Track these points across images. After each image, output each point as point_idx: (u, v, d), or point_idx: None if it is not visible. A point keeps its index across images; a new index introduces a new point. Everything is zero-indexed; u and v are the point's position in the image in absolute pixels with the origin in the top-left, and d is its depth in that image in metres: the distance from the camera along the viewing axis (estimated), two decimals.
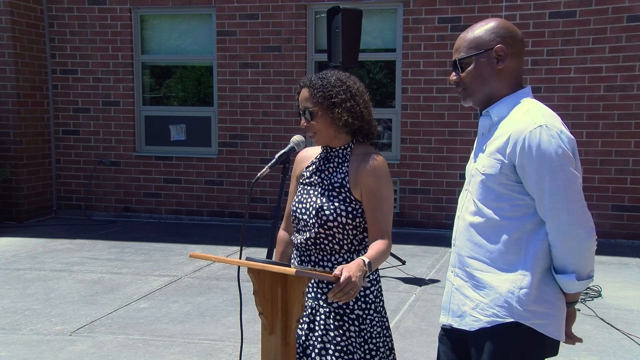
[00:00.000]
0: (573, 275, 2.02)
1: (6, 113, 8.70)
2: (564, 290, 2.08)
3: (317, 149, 2.58)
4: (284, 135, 8.51)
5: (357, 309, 2.41)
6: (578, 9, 7.64)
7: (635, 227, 7.60)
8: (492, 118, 2.13)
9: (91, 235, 8.08)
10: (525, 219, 2.05)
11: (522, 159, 1.99)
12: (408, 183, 8.38)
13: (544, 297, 2.05)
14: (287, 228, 2.67)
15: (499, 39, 2.09)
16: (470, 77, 2.12)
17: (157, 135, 9.18)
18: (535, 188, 2.00)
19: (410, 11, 8.18)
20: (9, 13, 8.54)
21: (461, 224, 2.19)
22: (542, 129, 1.98)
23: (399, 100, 8.38)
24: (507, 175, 2.03)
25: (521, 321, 2.03)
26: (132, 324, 4.89)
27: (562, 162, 1.97)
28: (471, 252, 2.13)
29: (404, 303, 5.38)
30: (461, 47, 2.13)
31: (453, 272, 2.22)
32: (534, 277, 2.04)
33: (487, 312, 2.07)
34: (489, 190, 2.08)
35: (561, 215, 1.98)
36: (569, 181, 1.98)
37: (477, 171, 2.12)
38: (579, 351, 4.37)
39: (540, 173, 1.97)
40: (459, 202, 2.25)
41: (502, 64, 2.09)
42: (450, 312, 2.20)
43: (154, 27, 9.17)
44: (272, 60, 8.60)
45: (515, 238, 2.05)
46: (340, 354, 2.38)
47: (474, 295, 2.11)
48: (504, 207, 2.06)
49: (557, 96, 7.61)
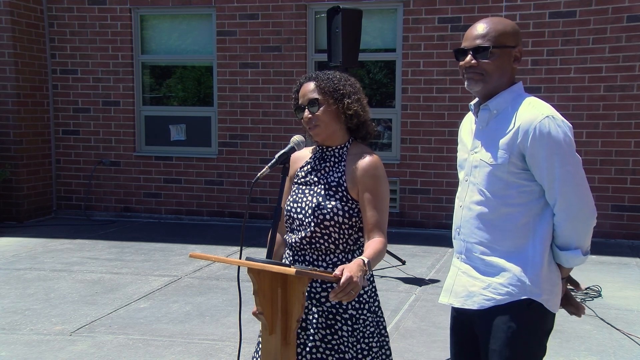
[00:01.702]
0: (579, 251, 2.19)
1: (6, 113, 8.70)
2: (566, 265, 2.24)
3: (310, 150, 2.58)
4: (284, 135, 8.52)
5: (351, 309, 2.41)
6: (578, 9, 7.64)
7: (635, 227, 7.60)
8: (492, 111, 2.25)
9: (91, 235, 8.08)
10: (531, 204, 2.19)
11: (533, 147, 2.12)
12: (408, 183, 8.38)
13: (550, 276, 2.22)
14: (280, 228, 2.66)
15: (519, 40, 2.25)
16: (493, 66, 2.20)
17: (157, 135, 9.18)
18: (545, 174, 2.14)
19: (410, 11, 8.18)
20: (9, 13, 8.54)
21: (467, 214, 2.30)
22: (549, 119, 2.13)
23: (399, 100, 8.38)
24: (516, 164, 2.16)
25: (533, 297, 2.18)
26: (132, 324, 4.89)
27: (570, 149, 2.14)
28: (480, 239, 2.26)
29: (404, 303, 5.38)
30: (488, 35, 2.19)
31: (459, 258, 2.35)
32: (543, 257, 2.19)
33: (501, 291, 2.20)
34: (497, 179, 2.20)
35: (571, 198, 2.14)
36: (576, 166, 2.15)
37: (482, 162, 2.24)
38: (579, 351, 4.37)
39: (551, 159, 2.11)
40: (460, 192, 2.36)
41: (517, 64, 2.25)
42: (453, 293, 2.34)
43: (154, 27, 9.17)
44: (272, 60, 8.61)
45: (523, 222, 2.19)
46: (332, 353, 2.38)
47: (484, 277, 2.25)
48: (512, 194, 2.19)
49: (557, 96, 7.61)
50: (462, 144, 2.43)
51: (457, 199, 2.38)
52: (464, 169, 2.36)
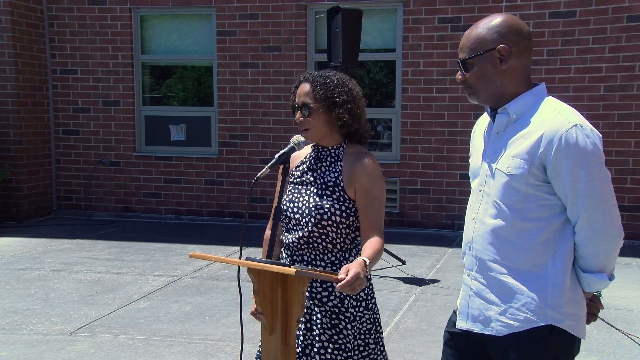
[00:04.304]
0: (604, 275, 2.01)
1: (6, 113, 8.70)
2: (587, 290, 2.05)
3: (306, 149, 2.58)
4: (284, 135, 8.52)
5: (350, 307, 2.43)
6: (578, 9, 7.64)
7: (635, 227, 7.60)
8: (510, 116, 2.06)
9: (91, 235, 8.08)
10: (551, 220, 2.00)
11: (557, 159, 1.93)
12: (408, 183, 8.38)
13: (574, 298, 2.02)
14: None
15: (501, 38, 2.04)
16: (474, 77, 2.07)
17: (157, 135, 9.18)
18: (568, 188, 1.94)
19: (410, 11, 8.18)
20: (9, 13, 8.54)
21: (480, 227, 2.10)
22: (577, 128, 1.94)
23: (399, 100, 8.38)
24: (536, 175, 1.97)
25: (555, 324, 1.99)
26: (132, 324, 4.89)
27: (598, 162, 1.95)
28: (494, 256, 2.06)
29: (404, 303, 5.38)
30: (465, 47, 2.08)
31: (470, 275, 2.14)
32: (565, 278, 2.00)
33: (519, 317, 2.01)
34: (514, 191, 2.00)
35: (596, 215, 1.95)
36: (603, 180, 1.96)
37: (499, 172, 2.03)
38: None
39: (576, 173, 1.92)
40: (472, 203, 2.16)
41: (506, 65, 2.04)
42: (470, 317, 2.13)
43: (154, 27, 9.17)
44: (272, 60, 8.61)
45: (542, 239, 2.00)
46: (339, 352, 2.40)
47: (499, 300, 2.05)
48: (530, 208, 2.00)
49: (557, 96, 7.48)
50: (475, 149, 2.21)
51: (469, 211, 2.17)
52: (478, 177, 2.14)
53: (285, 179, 2.41)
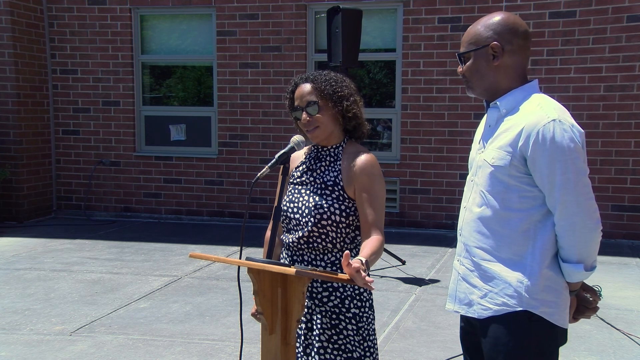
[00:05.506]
0: (581, 266, 2.08)
1: (6, 113, 8.70)
2: (568, 280, 2.13)
3: (306, 149, 2.59)
4: (284, 135, 8.52)
5: (354, 307, 2.42)
6: (578, 9, 7.64)
7: (635, 227, 7.60)
8: (501, 110, 2.18)
9: (91, 235, 8.08)
10: (532, 211, 2.09)
11: (535, 152, 2.03)
12: (408, 183, 8.38)
13: (551, 286, 2.10)
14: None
15: (495, 36, 2.15)
16: (469, 71, 2.20)
17: (157, 135, 9.18)
18: (546, 181, 2.04)
19: (410, 11, 8.18)
20: (9, 13, 8.54)
21: (468, 215, 2.22)
22: (555, 123, 2.03)
23: (399, 100, 8.38)
24: (517, 167, 2.07)
25: (530, 309, 2.08)
26: (132, 324, 4.89)
27: (574, 156, 2.03)
28: (478, 243, 2.17)
29: (404, 303, 5.38)
30: (464, 41, 2.22)
31: (459, 260, 2.27)
32: (542, 267, 2.09)
33: (497, 301, 2.12)
34: (497, 181, 2.12)
35: (571, 207, 2.03)
36: (579, 174, 2.04)
37: (485, 163, 2.16)
38: (579, 351, 4.37)
39: (552, 166, 2.02)
40: (465, 192, 2.29)
41: (497, 61, 2.15)
42: (457, 300, 2.26)
43: (154, 27, 9.17)
44: (272, 60, 8.61)
45: (523, 229, 2.10)
46: (339, 352, 2.40)
47: (481, 284, 2.17)
48: (512, 199, 2.10)
49: (557, 96, 7.50)
50: (475, 141, 2.35)
51: (463, 200, 2.31)
52: (471, 167, 2.30)
53: (285, 179, 2.41)
